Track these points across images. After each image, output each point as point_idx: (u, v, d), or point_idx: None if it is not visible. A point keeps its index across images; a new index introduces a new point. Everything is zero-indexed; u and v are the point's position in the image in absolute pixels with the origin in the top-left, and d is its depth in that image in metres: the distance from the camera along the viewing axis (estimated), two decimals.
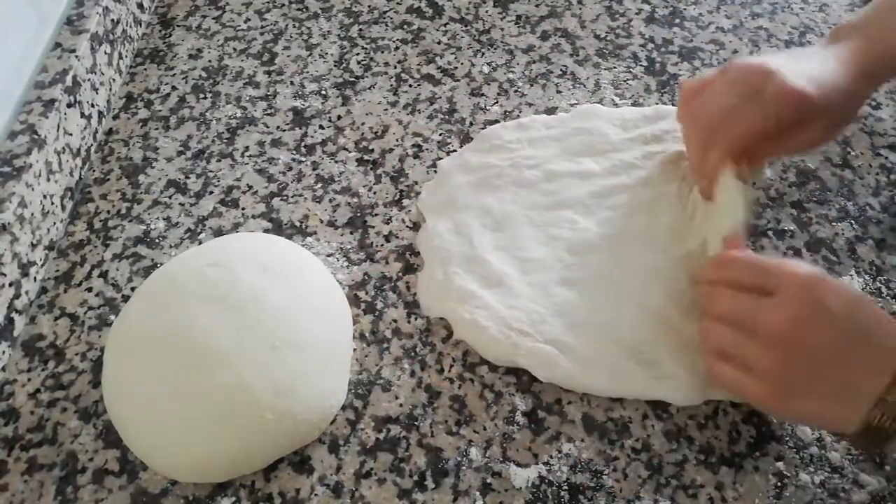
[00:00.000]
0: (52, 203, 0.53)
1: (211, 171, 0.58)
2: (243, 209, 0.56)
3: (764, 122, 0.45)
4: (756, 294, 0.40)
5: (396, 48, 0.67)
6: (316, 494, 0.42)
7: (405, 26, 0.69)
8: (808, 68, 0.46)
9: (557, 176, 0.54)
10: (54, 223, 0.53)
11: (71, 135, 0.56)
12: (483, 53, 0.66)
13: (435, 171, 0.57)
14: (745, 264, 0.42)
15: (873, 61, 0.47)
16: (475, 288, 0.48)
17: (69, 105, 0.56)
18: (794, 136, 0.47)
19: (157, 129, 0.61)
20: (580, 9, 0.70)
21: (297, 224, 0.55)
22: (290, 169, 0.58)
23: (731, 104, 0.45)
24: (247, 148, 0.60)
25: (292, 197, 0.56)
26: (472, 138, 0.59)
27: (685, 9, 0.70)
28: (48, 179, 0.52)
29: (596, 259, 0.49)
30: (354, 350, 0.48)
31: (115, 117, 0.62)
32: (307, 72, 0.65)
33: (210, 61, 0.66)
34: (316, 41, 0.68)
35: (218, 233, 0.54)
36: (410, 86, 0.64)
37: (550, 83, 0.64)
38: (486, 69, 0.65)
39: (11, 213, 0.48)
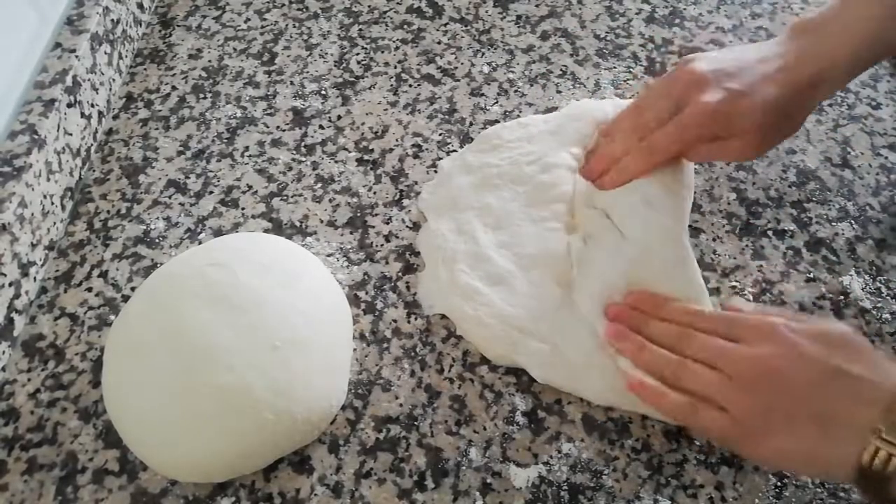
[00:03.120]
0: (52, 203, 0.53)
1: (211, 171, 0.58)
2: (243, 209, 0.56)
3: (679, 139, 0.46)
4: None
5: (396, 48, 0.67)
6: (316, 494, 0.42)
7: (405, 26, 0.69)
8: (747, 75, 0.45)
9: (552, 167, 0.53)
10: (54, 223, 0.53)
11: (71, 135, 0.56)
12: (483, 53, 0.66)
13: (435, 171, 0.57)
14: (719, 317, 0.42)
15: (826, 66, 0.45)
16: (479, 285, 0.48)
17: (69, 105, 0.56)
18: (719, 148, 0.47)
19: (157, 129, 0.61)
20: (580, 9, 0.70)
21: (297, 224, 0.55)
22: (290, 169, 0.58)
23: (660, 116, 0.47)
24: (247, 148, 0.60)
25: (292, 197, 0.56)
26: (472, 138, 0.59)
27: (685, 9, 0.70)
28: (48, 179, 0.52)
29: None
30: (354, 350, 0.48)
31: (115, 117, 0.62)
32: (307, 72, 0.65)
33: (210, 61, 0.66)
34: (316, 41, 0.68)
35: (218, 233, 0.54)
36: (410, 86, 0.64)
37: (550, 83, 0.64)
38: (486, 69, 0.65)
39: (11, 213, 0.48)
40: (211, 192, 0.57)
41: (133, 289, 0.51)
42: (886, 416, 0.33)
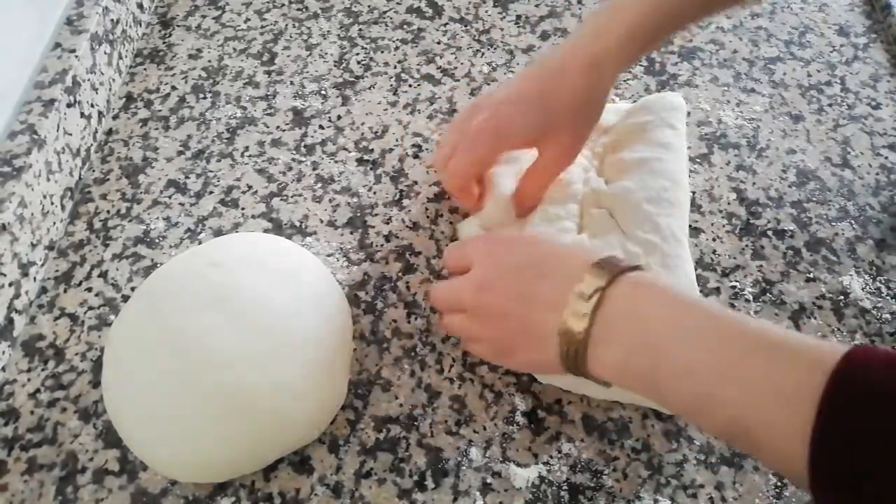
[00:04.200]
0: (52, 203, 0.53)
1: (211, 171, 0.58)
2: (243, 209, 0.56)
3: (472, 160, 0.48)
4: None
5: (396, 48, 0.67)
6: (316, 494, 0.42)
7: (405, 26, 0.69)
8: (522, 83, 0.47)
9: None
10: (54, 223, 0.53)
11: (71, 135, 0.56)
12: (483, 53, 0.66)
13: (435, 171, 0.57)
14: (449, 253, 0.45)
15: (599, 47, 0.46)
16: None
17: (69, 105, 0.56)
18: (537, 160, 0.49)
19: (157, 129, 0.61)
20: (580, 9, 0.70)
21: (297, 224, 0.55)
22: (290, 169, 0.58)
23: (449, 148, 0.49)
24: (247, 148, 0.60)
25: (292, 197, 0.56)
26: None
27: None
28: (48, 179, 0.52)
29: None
30: (354, 350, 0.48)
31: (115, 117, 0.62)
32: (307, 72, 0.65)
33: (210, 61, 0.66)
34: (316, 41, 0.68)
35: (218, 233, 0.54)
36: (410, 86, 0.64)
37: None
38: (486, 69, 0.65)
39: (11, 213, 0.48)
40: (211, 192, 0.57)
41: (133, 289, 0.51)
42: (566, 310, 0.36)
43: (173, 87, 0.64)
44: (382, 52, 0.67)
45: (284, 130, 0.61)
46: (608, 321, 0.35)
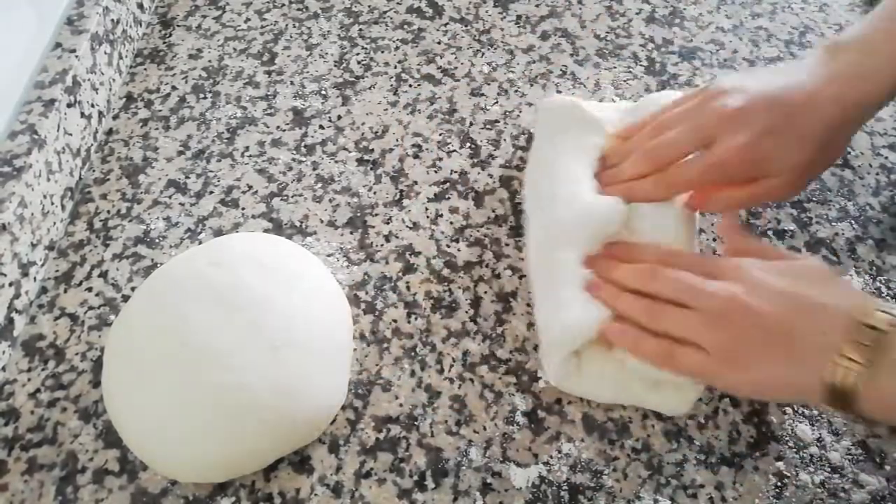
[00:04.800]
0: (52, 203, 0.53)
1: (211, 171, 0.58)
2: (243, 209, 0.56)
3: (704, 179, 0.44)
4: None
5: (396, 48, 0.67)
6: (316, 494, 0.42)
7: (405, 26, 0.69)
8: (783, 106, 0.42)
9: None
10: (54, 223, 0.53)
11: (71, 135, 0.56)
12: (483, 53, 0.66)
13: (435, 172, 0.57)
14: (690, 257, 0.43)
15: (872, 88, 0.42)
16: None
17: (69, 105, 0.56)
18: (752, 189, 0.44)
19: (157, 129, 0.61)
20: (580, 9, 0.70)
21: (297, 224, 0.55)
22: (290, 169, 0.58)
23: (682, 150, 0.44)
24: (247, 148, 0.60)
25: (292, 197, 0.56)
26: (472, 138, 0.59)
27: (685, 9, 0.70)
28: (48, 179, 0.52)
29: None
30: (354, 350, 0.48)
31: (115, 117, 0.62)
32: (307, 72, 0.65)
33: (210, 61, 0.66)
34: (316, 41, 0.68)
35: (218, 233, 0.54)
36: (410, 86, 0.64)
37: (550, 83, 0.64)
38: (486, 69, 0.65)
39: (11, 213, 0.48)
40: (211, 192, 0.57)
41: (133, 289, 0.51)
42: (845, 335, 0.35)
43: (173, 87, 0.64)
44: (382, 52, 0.67)
45: (284, 130, 0.61)
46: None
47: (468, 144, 0.59)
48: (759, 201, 0.50)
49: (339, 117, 0.62)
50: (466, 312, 0.50)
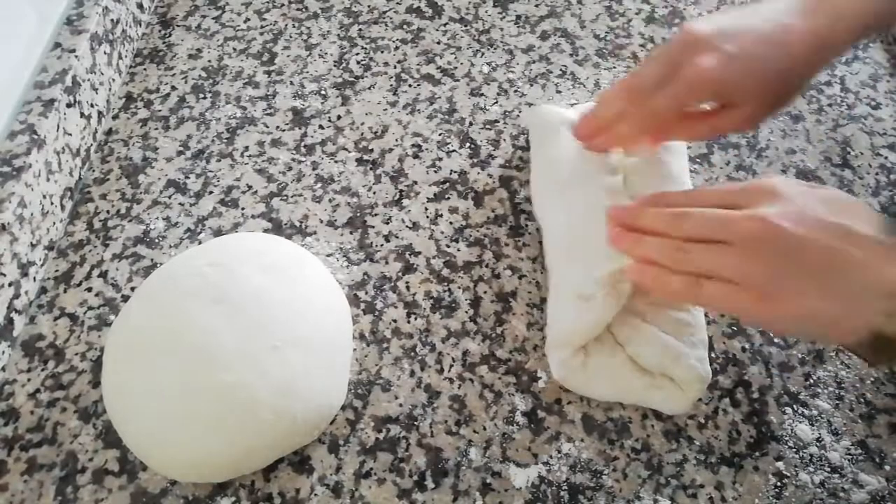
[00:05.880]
0: (52, 203, 0.53)
1: (211, 171, 0.58)
2: (243, 209, 0.56)
3: (675, 104, 0.43)
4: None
5: (396, 48, 0.67)
6: (316, 494, 0.42)
7: (405, 26, 0.69)
8: (749, 37, 0.41)
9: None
10: (54, 223, 0.53)
11: (70, 135, 0.56)
12: (483, 53, 0.66)
13: (435, 172, 0.57)
14: (715, 190, 0.40)
15: (835, 29, 0.42)
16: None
17: (69, 105, 0.56)
18: (715, 120, 0.44)
19: (156, 129, 0.61)
20: (580, 9, 0.70)
21: (297, 224, 0.55)
22: (290, 169, 0.58)
23: (652, 81, 0.43)
24: (247, 148, 0.60)
25: (292, 197, 0.56)
26: (471, 138, 0.59)
27: (685, 9, 0.70)
28: (48, 179, 0.52)
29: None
30: (354, 350, 0.48)
31: (115, 117, 0.62)
32: (307, 72, 0.65)
33: (210, 61, 0.66)
34: (316, 41, 0.68)
35: (218, 233, 0.54)
36: (410, 86, 0.64)
37: (550, 83, 0.64)
38: (485, 69, 0.65)
39: (11, 213, 0.48)
40: (211, 192, 0.57)
41: (133, 289, 0.51)
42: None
43: (173, 87, 0.64)
44: (382, 52, 0.67)
45: (284, 130, 0.61)
46: None
47: (468, 144, 0.59)
48: (719, 133, 0.50)
49: (339, 117, 0.62)
50: (466, 312, 0.50)
